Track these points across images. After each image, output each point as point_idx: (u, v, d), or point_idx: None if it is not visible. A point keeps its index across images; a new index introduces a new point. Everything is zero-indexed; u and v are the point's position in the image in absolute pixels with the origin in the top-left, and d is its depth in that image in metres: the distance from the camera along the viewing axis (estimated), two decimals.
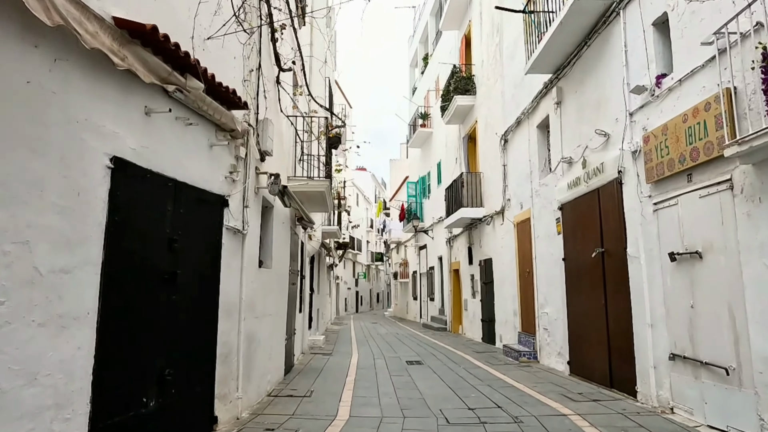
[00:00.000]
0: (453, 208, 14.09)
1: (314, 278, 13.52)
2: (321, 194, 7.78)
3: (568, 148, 7.65)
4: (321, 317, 16.28)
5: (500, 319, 11.69)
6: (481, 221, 13.12)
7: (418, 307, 24.22)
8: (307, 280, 11.50)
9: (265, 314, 5.89)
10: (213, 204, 4.39)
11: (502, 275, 11.53)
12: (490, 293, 12.38)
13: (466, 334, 15.02)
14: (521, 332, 10.06)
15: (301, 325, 10.30)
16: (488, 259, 12.60)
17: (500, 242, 11.64)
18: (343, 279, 34.30)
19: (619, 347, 6.01)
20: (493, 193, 12.24)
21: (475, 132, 14.09)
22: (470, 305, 14.62)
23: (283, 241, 7.11)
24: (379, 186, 52.79)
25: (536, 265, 9.18)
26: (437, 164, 20.23)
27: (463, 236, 15.39)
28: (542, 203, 8.87)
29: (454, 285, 16.90)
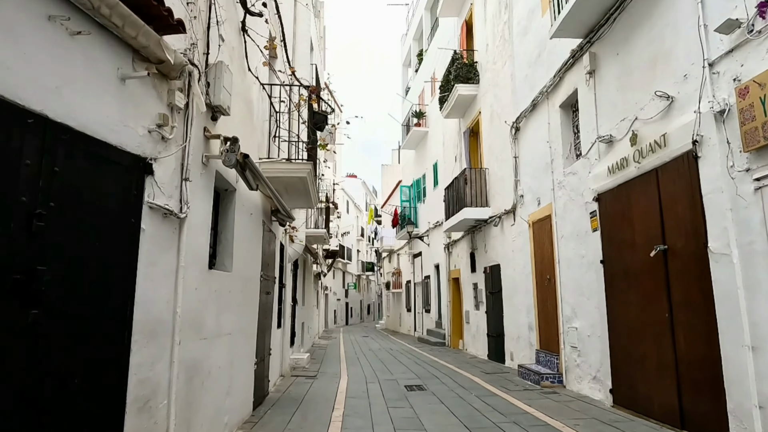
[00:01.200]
0: (454, 209, 12.63)
1: (298, 288, 11.95)
2: (302, 182, 6.26)
3: (607, 125, 6.23)
4: (306, 332, 14.66)
5: (511, 333, 10.18)
6: (487, 223, 11.66)
7: (412, 319, 22.64)
8: (288, 290, 9.93)
9: (220, 333, 4.33)
10: (123, 167, 2.87)
11: (512, 283, 10.05)
12: (498, 304, 10.89)
13: (468, 350, 13.48)
14: (540, 350, 8.55)
15: (280, 342, 8.71)
16: (495, 266, 11.12)
17: (510, 245, 10.17)
18: (332, 289, 32.62)
19: (695, 376, 4.52)
20: (501, 191, 10.81)
21: (478, 124, 12.69)
22: (473, 318, 13.10)
23: (251, 238, 5.57)
24: (370, 194, 51.31)
25: (560, 271, 7.71)
26: (433, 165, 18.82)
27: (464, 241, 13.91)
28: (568, 196, 7.42)
29: (454, 295, 15.39)
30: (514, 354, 10.00)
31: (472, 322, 13.17)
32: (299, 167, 6.11)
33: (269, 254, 6.93)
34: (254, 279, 5.77)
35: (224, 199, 4.75)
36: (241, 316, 5.13)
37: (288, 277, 9.72)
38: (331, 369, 10.19)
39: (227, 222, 4.73)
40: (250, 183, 4.43)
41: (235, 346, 4.85)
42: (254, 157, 5.82)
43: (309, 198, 7.20)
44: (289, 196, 7.11)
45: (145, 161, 3.05)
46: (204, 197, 3.90)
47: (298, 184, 6.42)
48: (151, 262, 3.08)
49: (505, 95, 10.65)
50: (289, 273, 10.13)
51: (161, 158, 3.19)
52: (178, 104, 3.36)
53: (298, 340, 12.08)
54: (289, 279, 10.03)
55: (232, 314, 4.70)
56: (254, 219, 5.71)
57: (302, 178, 6.16)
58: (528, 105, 9.08)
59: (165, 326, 3.22)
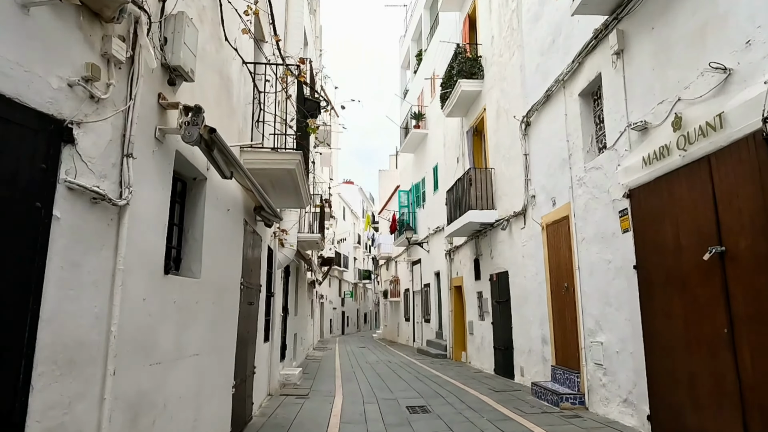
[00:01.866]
0: (457, 212, 11.82)
1: (290, 296, 11.09)
2: (290, 175, 5.44)
3: (640, 110, 5.44)
4: (300, 344, 13.77)
5: (521, 347, 9.33)
6: (493, 227, 10.85)
7: (410, 329, 21.75)
8: (278, 299, 9.08)
9: (182, 355, 3.48)
10: (26, 130, 2.04)
11: (523, 292, 9.22)
12: (506, 315, 10.05)
13: (473, 363, 12.61)
14: (556, 366, 7.71)
15: (267, 358, 7.84)
16: (503, 273, 10.29)
17: (520, 251, 9.36)
18: (327, 298, 31.69)
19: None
20: (509, 192, 10.01)
21: (483, 122, 11.92)
22: (477, 329, 12.25)
23: (229, 240, 4.73)
24: (367, 201, 50.53)
25: (580, 278, 6.89)
26: (433, 168, 18.04)
27: (467, 247, 13.09)
28: (590, 194, 6.62)
29: (456, 304, 14.53)
30: (524, 369, 9.15)
31: (477, 333, 12.32)
32: (287, 157, 5.29)
33: (253, 259, 6.09)
34: (233, 287, 4.92)
35: (192, 190, 3.92)
36: (215, 331, 4.28)
37: (278, 286, 8.87)
38: (324, 386, 9.31)
39: (195, 218, 3.90)
40: (221, 168, 3.59)
41: (205, 368, 4.00)
42: (233, 144, 5.00)
43: (299, 196, 6.38)
44: (277, 194, 6.28)
45: (62, 125, 2.22)
46: (159, 183, 3.07)
47: (285, 179, 5.60)
48: (71, 264, 2.24)
49: (513, 89, 9.89)
50: (279, 281, 9.28)
51: (89, 123, 2.36)
52: (117, 55, 2.53)
53: (290, 353, 11.19)
54: (279, 287, 9.18)
55: (200, 330, 3.85)
56: (233, 217, 4.87)
57: (290, 170, 5.33)
58: (540, 96, 8.31)
59: (91, 351, 2.37)
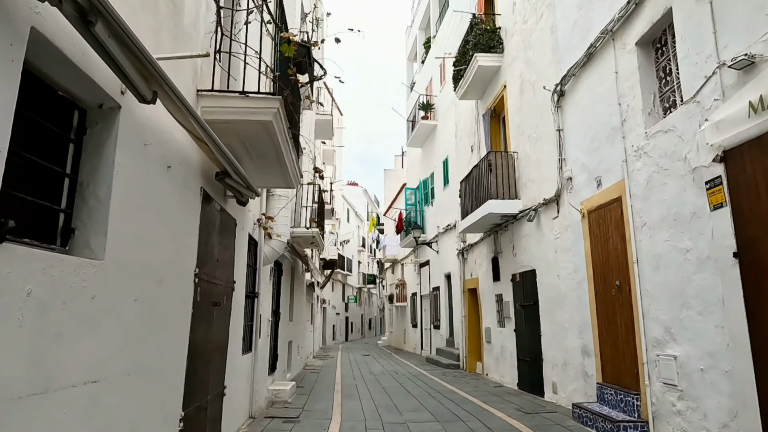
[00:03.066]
0: (473, 204, 10.38)
1: (283, 298, 9.67)
2: (266, 131, 4.04)
3: (741, 41, 4.02)
4: (297, 352, 12.34)
5: (553, 359, 7.87)
6: (516, 219, 9.41)
7: (418, 336, 20.26)
8: (266, 301, 7.67)
9: (47, 388, 2.06)
10: None
11: (556, 293, 7.77)
12: (533, 320, 8.59)
13: (490, 376, 11.13)
14: (604, 384, 6.24)
15: (248, 372, 6.42)
16: (529, 272, 8.84)
17: (552, 245, 7.92)
18: (330, 303, 30.26)
19: None
20: (537, 177, 8.58)
21: (503, 102, 10.51)
22: (496, 336, 10.78)
23: (167, 211, 3.33)
24: (372, 203, 49.16)
25: (639, 274, 5.45)
26: (443, 162, 16.64)
27: (484, 244, 11.64)
28: (656, 165, 5.19)
29: (470, 309, 13.08)
30: (558, 385, 7.69)
31: (495, 341, 10.85)
32: (261, 105, 3.89)
33: (221, 247, 4.69)
34: (178, 280, 3.52)
35: (94, 123, 2.53)
36: (141, 344, 2.88)
37: (264, 285, 7.46)
38: (320, 404, 7.86)
39: (100, 167, 2.51)
40: (130, 78, 2.18)
41: (116, 401, 2.59)
42: (184, 85, 3.62)
43: (284, 168, 4.97)
44: (256, 165, 4.88)
45: None
46: None
47: (261, 138, 4.20)
48: None
49: (541, 57, 8.48)
50: (268, 280, 7.88)
51: None
52: None
53: (282, 364, 9.77)
54: (267, 287, 7.77)
55: (105, 342, 2.44)
56: (180, 180, 3.48)
57: (266, 124, 3.94)
58: (579, 57, 6.89)
59: None
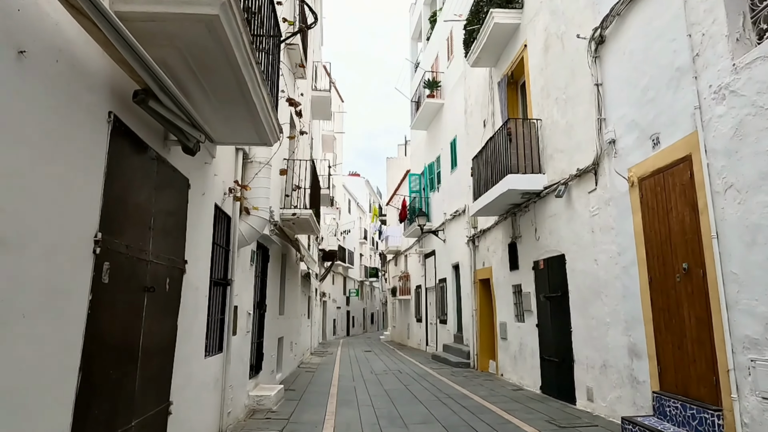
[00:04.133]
0: (488, 182, 9.09)
1: (269, 289, 8.41)
2: (212, 33, 2.77)
3: None
4: (290, 350, 11.12)
5: (588, 359, 6.61)
6: (540, 197, 8.12)
7: (423, 331, 19.04)
8: (246, 292, 6.43)
9: None
10: None
11: (592, 282, 6.50)
12: (561, 314, 7.33)
13: (507, 377, 9.88)
14: (663, 394, 4.97)
15: (217, 378, 5.17)
16: (556, 258, 7.57)
17: (587, 224, 6.63)
18: (331, 296, 29.08)
19: None
20: (567, 146, 7.29)
21: (522, 65, 9.20)
22: (513, 332, 9.52)
23: (31, 135, 2.06)
24: (375, 195, 47.89)
25: (721, 252, 4.17)
26: (450, 143, 15.33)
27: (499, 229, 10.36)
28: (751, 106, 3.89)
29: (482, 302, 11.82)
30: (594, 391, 6.43)
31: (513, 338, 9.59)
32: None
33: (160, 210, 3.42)
34: (59, 248, 2.26)
35: None
36: None
37: (242, 271, 6.21)
38: (310, 414, 6.62)
39: None
40: None
41: None
42: None
43: (251, 108, 3.69)
44: (213, 103, 3.61)
45: None
46: None
47: (209, 47, 2.92)
48: None
49: (572, 1, 7.17)
50: (248, 266, 6.62)
51: None
52: None
53: (269, 363, 8.53)
54: (247, 275, 6.52)
55: None
56: (56, 84, 2.21)
57: (209, 20, 2.66)
58: None
59: None
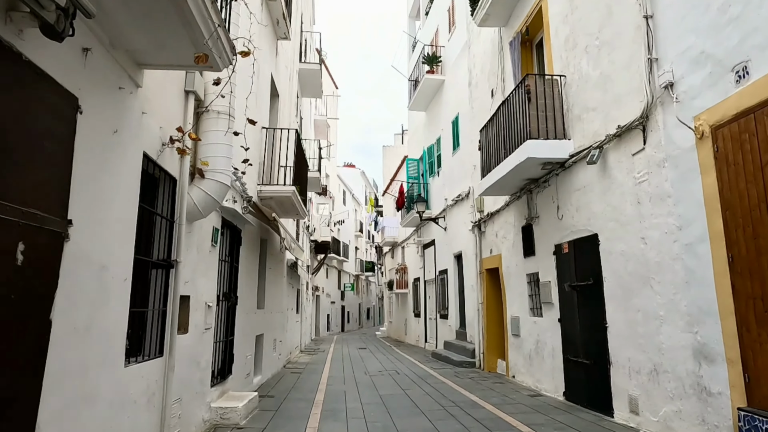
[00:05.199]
0: (500, 154, 7.79)
1: (243, 278, 7.07)
2: None
3: None
4: (273, 349, 9.81)
5: (629, 362, 5.32)
6: (564, 167, 6.82)
7: (421, 326, 17.77)
8: (206, 279, 5.11)
9: None
10: None
11: (637, 265, 5.21)
12: (593, 306, 6.05)
13: (520, 379, 8.61)
14: (753, 413, 3.69)
15: (152, 393, 3.85)
16: (586, 239, 6.27)
17: (631, 193, 5.33)
18: (324, 291, 27.78)
19: None
20: (602, 102, 5.97)
21: (540, 18, 7.88)
22: (528, 328, 8.25)
23: None
24: (371, 187, 46.51)
25: None
26: (452, 121, 14.02)
27: (510, 210, 9.07)
28: None
29: (489, 294, 10.53)
30: (640, 402, 5.15)
31: (527, 335, 8.31)
32: None
33: None
34: None
35: None
36: None
37: (197, 253, 4.89)
38: (287, 429, 5.31)
39: None
40: None
41: None
42: None
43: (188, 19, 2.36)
44: None
45: None
46: None
47: None
48: None
49: None
50: (206, 245, 5.29)
51: None
52: None
53: (244, 366, 7.21)
54: (204, 257, 5.19)
55: None
56: None
57: None
58: None
59: None
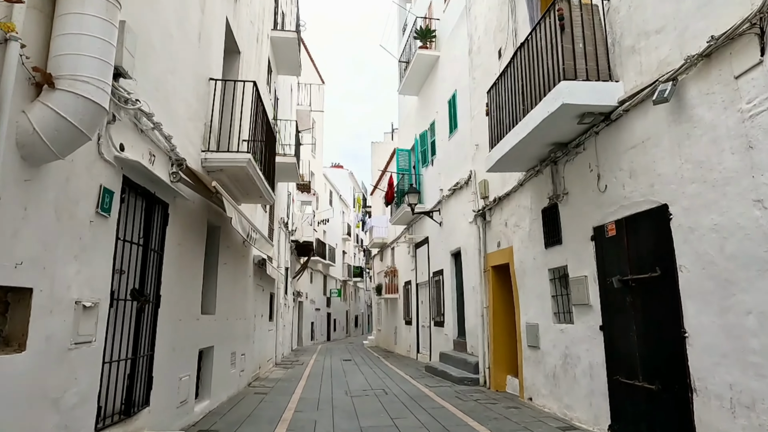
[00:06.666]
0: (517, 114, 6.01)
1: (174, 272, 5.16)
2: None
3: None
4: (232, 365, 7.88)
5: (730, 388, 3.50)
6: (610, 121, 5.04)
7: (413, 335, 15.88)
8: (77, 264, 3.23)
9: None
10: None
11: (745, 245, 3.40)
12: (659, 307, 4.25)
13: (540, 402, 6.76)
14: None
15: None
16: (648, 213, 4.48)
17: (731, 140, 3.53)
18: (308, 297, 25.80)
19: None
20: (672, 19, 4.19)
21: None
22: (550, 338, 6.43)
23: None
24: (359, 188, 44.66)
25: None
26: (449, 101, 12.29)
27: (526, 191, 7.27)
28: None
29: (496, 296, 8.71)
30: None
31: (549, 346, 6.49)
32: None
33: None
34: None
35: None
36: None
37: (56, 219, 3.01)
38: None
39: None
40: None
41: None
42: None
43: None
44: None
45: None
46: None
47: None
48: None
49: None
50: (84, 211, 3.42)
51: None
52: None
53: (180, 390, 5.28)
54: (75, 227, 3.30)
55: None
56: None
57: None
58: None
59: None
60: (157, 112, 4.45)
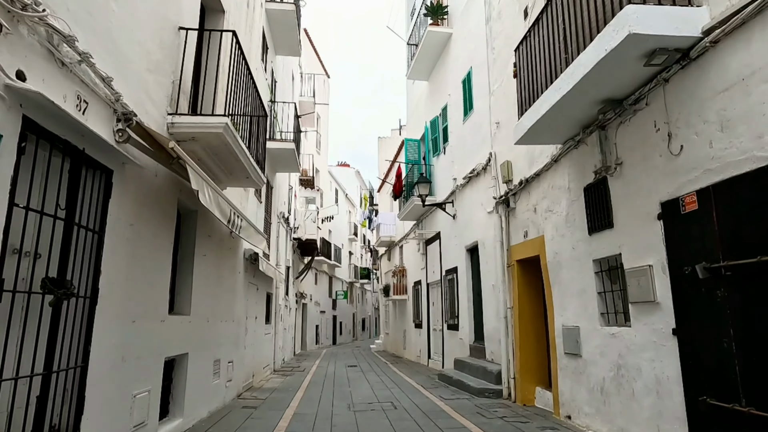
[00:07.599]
0: (563, 59, 4.84)
1: (114, 255, 4.04)
2: None
3: None
4: (214, 375, 6.75)
5: None
6: (687, 61, 3.82)
7: (424, 339, 14.67)
8: None
9: None
10: None
11: None
12: (766, 306, 3.06)
13: (580, 422, 5.53)
14: None
15: None
16: (747, 177, 3.27)
17: None
18: (313, 298, 24.65)
19: None
20: None
21: None
22: (596, 344, 5.21)
23: None
24: (366, 188, 43.54)
25: None
26: (463, 81, 11.13)
27: (561, 167, 6.07)
28: None
29: (522, 295, 7.50)
30: None
31: (595, 353, 5.28)
32: None
33: None
34: None
35: None
36: None
37: None
38: None
39: None
40: None
41: None
42: None
43: None
44: None
45: None
46: None
47: None
48: None
49: None
50: None
51: None
52: None
53: (132, 412, 4.14)
54: None
55: None
56: None
57: None
58: None
59: None
60: (93, 45, 3.33)
